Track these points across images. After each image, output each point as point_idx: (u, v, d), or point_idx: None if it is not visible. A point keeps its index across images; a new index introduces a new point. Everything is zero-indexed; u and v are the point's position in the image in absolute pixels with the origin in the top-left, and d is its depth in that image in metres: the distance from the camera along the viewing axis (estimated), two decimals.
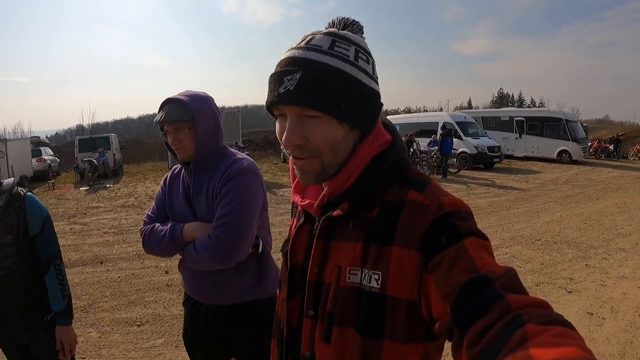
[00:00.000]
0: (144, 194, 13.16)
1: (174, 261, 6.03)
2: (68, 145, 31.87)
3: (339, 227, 0.86)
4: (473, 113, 25.05)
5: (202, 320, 1.84)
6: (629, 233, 7.51)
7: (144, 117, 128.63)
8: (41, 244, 1.92)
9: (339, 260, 0.84)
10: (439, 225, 0.73)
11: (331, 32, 0.82)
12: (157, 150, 33.01)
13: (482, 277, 0.63)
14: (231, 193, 1.64)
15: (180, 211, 1.81)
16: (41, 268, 1.93)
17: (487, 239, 0.73)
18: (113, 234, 7.90)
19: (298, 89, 0.76)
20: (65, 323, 1.96)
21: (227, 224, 1.60)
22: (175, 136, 1.71)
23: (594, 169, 18.28)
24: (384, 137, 0.88)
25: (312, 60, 0.78)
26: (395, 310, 0.76)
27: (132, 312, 4.45)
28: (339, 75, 0.78)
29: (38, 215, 1.91)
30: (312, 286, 0.88)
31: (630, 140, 30.07)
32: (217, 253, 1.60)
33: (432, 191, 0.80)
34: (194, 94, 1.76)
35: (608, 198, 11.16)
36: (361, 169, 0.84)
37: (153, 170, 21.80)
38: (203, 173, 1.76)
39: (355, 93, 0.79)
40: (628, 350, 3.62)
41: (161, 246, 1.74)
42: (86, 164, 16.34)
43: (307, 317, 0.88)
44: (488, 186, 13.47)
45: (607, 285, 5.07)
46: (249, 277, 1.76)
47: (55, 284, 1.94)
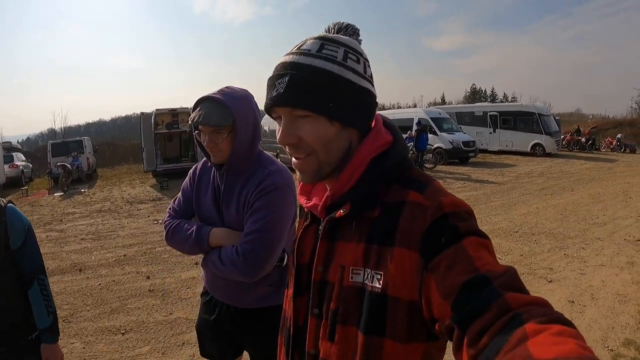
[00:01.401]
0: (120, 198, 12.94)
1: (155, 266, 5.98)
2: (40, 150, 31.04)
3: (342, 228, 0.88)
4: (447, 109, 25.39)
5: (216, 315, 1.84)
6: (604, 222, 7.72)
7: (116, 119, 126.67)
8: (23, 258, 1.80)
9: (343, 260, 0.86)
10: (438, 226, 0.74)
11: (321, 36, 0.86)
12: (132, 152, 32.50)
13: (481, 276, 0.64)
14: (264, 209, 1.58)
15: (208, 212, 1.76)
16: (24, 283, 1.81)
17: (488, 238, 0.74)
18: (91, 240, 7.73)
19: (287, 91, 0.81)
20: (52, 341, 1.84)
21: (256, 240, 1.55)
22: (212, 139, 1.61)
23: (567, 161, 18.74)
24: (383, 137, 0.89)
25: (300, 63, 0.81)
26: (397, 310, 0.76)
27: (116, 320, 4.35)
28: (325, 75, 0.80)
29: (20, 228, 1.78)
30: (317, 285, 0.90)
31: (602, 132, 30.89)
32: (242, 269, 1.56)
33: (432, 191, 0.81)
34: (233, 93, 1.64)
35: (582, 189, 11.47)
36: (361, 170, 0.86)
37: (128, 173, 21.46)
38: (236, 178, 1.69)
39: (343, 92, 0.82)
40: (610, 335, 3.72)
41: (185, 245, 1.71)
42: (60, 169, 15.98)
43: (312, 315, 0.90)
44: (464, 180, 13.68)
45: (586, 274, 5.20)
46: (268, 286, 1.74)
47: (39, 300, 1.82)
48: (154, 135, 16.20)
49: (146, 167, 16.42)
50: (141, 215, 9.97)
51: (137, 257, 6.52)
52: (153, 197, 12.76)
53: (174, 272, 5.69)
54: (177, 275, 5.57)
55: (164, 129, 16.58)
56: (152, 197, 12.90)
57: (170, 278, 5.49)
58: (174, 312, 4.46)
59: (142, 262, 6.23)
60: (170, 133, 17.21)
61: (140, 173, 19.46)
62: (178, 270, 5.74)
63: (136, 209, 10.89)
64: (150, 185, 15.57)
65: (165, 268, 5.90)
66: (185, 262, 6.01)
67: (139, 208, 11.05)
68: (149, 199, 12.45)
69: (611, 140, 25.72)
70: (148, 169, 16.40)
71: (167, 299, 4.80)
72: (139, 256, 6.55)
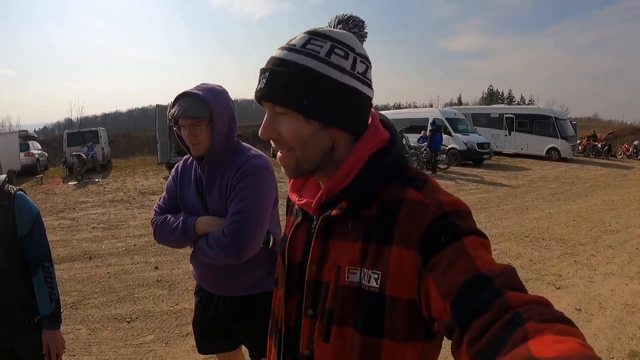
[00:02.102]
0: (133, 189, 13.08)
1: (163, 257, 6.02)
2: (56, 139, 31.43)
3: (337, 226, 0.85)
4: (463, 109, 25.16)
5: (213, 311, 1.88)
6: (617, 230, 7.60)
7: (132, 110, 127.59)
8: (30, 245, 1.84)
9: (338, 259, 0.83)
10: (437, 224, 0.73)
11: (311, 30, 0.83)
12: (146, 144, 32.80)
13: (481, 275, 0.63)
14: (245, 190, 1.66)
15: (192, 203, 1.82)
16: (29, 269, 1.85)
17: (486, 238, 0.74)
18: (102, 229, 7.83)
19: (266, 86, 0.81)
20: (53, 327, 1.88)
21: (241, 221, 1.62)
22: (192, 132, 1.70)
23: (582, 167, 18.48)
24: (381, 135, 0.87)
25: (281, 58, 0.80)
26: (395, 309, 0.76)
27: (122, 308, 4.41)
28: (303, 71, 0.78)
29: (27, 216, 1.83)
30: (311, 285, 0.87)
31: (619, 138, 30.43)
32: (230, 250, 1.61)
33: (431, 190, 0.80)
34: (210, 88, 1.74)
35: (596, 196, 11.29)
36: (358, 168, 0.83)
37: (142, 164, 21.69)
38: (216, 167, 1.77)
39: (321, 89, 0.79)
40: (616, 346, 3.66)
41: (172, 238, 1.76)
42: (74, 158, 16.20)
43: (306, 316, 0.87)
44: (477, 182, 13.56)
45: (595, 282, 5.12)
46: (258, 269, 1.79)
47: (43, 286, 1.86)
48: (169, 127, 16.30)
49: (160, 158, 16.55)
50: (153, 206, 10.02)
51: (146, 247, 6.60)
52: None
53: (182, 264, 5.74)
54: (185, 266, 5.62)
55: None
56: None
57: (178, 269, 5.54)
58: (179, 302, 4.50)
59: (151, 253, 6.30)
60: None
61: (154, 164, 19.65)
62: (186, 262, 5.78)
63: (148, 200, 11.01)
64: (164, 177, 15.71)
65: (174, 259, 5.96)
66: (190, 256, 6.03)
67: (151, 199, 11.16)
68: (161, 190, 12.43)
69: (628, 146, 25.33)
70: (162, 160, 16.52)
71: (174, 290, 4.85)
72: (148, 246, 6.62)
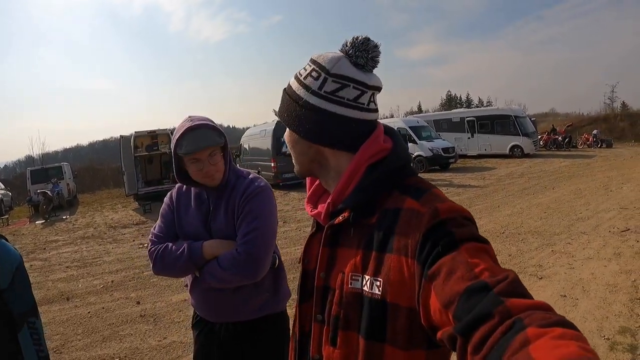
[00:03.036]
0: (103, 224, 12.72)
1: (144, 290, 5.87)
2: (19, 178, 30.41)
3: (343, 234, 0.90)
4: (425, 117, 25.70)
5: (216, 340, 1.83)
6: (588, 217, 7.88)
7: (94, 143, 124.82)
8: (12, 299, 1.66)
9: (343, 266, 0.88)
10: (434, 233, 0.74)
11: (312, 56, 0.94)
12: (112, 176, 32.07)
13: (481, 283, 0.64)
14: (255, 211, 1.69)
15: (194, 230, 1.79)
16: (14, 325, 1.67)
17: (487, 242, 0.74)
18: (76, 267, 7.56)
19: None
20: None
21: (255, 239, 1.64)
22: (211, 161, 1.69)
23: (546, 161, 19.11)
24: (380, 145, 0.90)
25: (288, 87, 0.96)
26: (396, 316, 0.77)
27: (108, 348, 4.25)
28: (288, 90, 0.95)
29: (7, 267, 1.64)
30: (320, 291, 0.92)
31: (578, 130, 31.59)
32: (246, 268, 1.62)
33: (429, 198, 0.81)
34: (208, 119, 1.78)
35: (563, 186, 11.69)
36: (358, 178, 0.88)
37: (109, 197, 21.17)
38: (222, 192, 1.78)
39: (294, 106, 0.92)
40: (605, 325, 3.79)
41: (177, 265, 1.70)
42: (40, 196, 15.63)
43: (316, 321, 0.93)
44: (447, 186, 13.79)
45: (575, 268, 5.29)
46: (264, 292, 1.78)
47: (29, 344, 1.69)
48: (134, 158, 16.00)
49: (127, 190, 16.16)
50: (126, 240, 9.81)
51: (125, 282, 6.40)
52: (136, 221, 12.58)
53: (164, 296, 5.60)
54: (167, 298, 5.48)
55: (144, 152, 16.38)
56: (136, 220, 12.72)
57: (160, 302, 5.39)
58: (167, 336, 4.37)
59: (130, 288, 6.11)
60: (150, 155, 16.98)
61: (121, 197, 19.20)
62: (168, 294, 5.65)
63: (120, 234, 10.72)
64: (133, 209, 15.37)
65: (155, 292, 5.80)
66: (175, 285, 5.91)
67: (123, 233, 10.88)
68: (133, 223, 12.27)
69: (587, 136, 26.34)
70: (130, 192, 16.14)
71: (160, 324, 4.71)
72: (127, 281, 6.42)
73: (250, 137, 19.06)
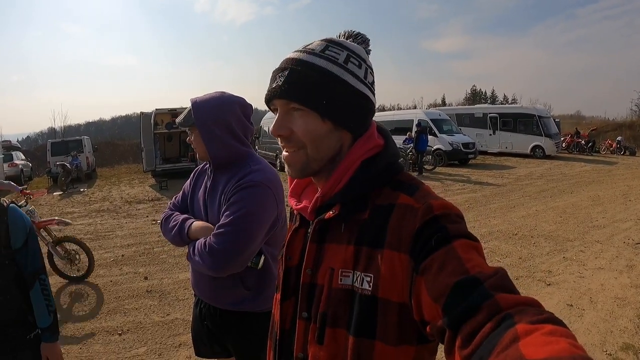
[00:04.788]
0: (119, 198, 12.92)
1: (152, 267, 5.96)
2: (40, 149, 30.96)
3: (331, 230, 0.88)
4: (447, 110, 25.38)
5: (199, 313, 1.90)
6: (604, 225, 7.71)
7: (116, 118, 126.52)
8: (25, 258, 1.83)
9: (332, 262, 0.86)
10: (428, 228, 0.75)
11: (328, 38, 0.89)
12: (131, 152, 32.51)
13: (471, 277, 0.64)
14: (237, 204, 1.60)
15: (198, 208, 1.85)
16: (24, 283, 1.84)
17: (478, 241, 0.75)
18: (89, 239, 7.69)
19: (285, 84, 0.84)
20: (52, 340, 1.87)
21: (225, 234, 1.57)
22: (190, 138, 1.82)
23: (567, 164, 18.73)
24: (375, 141, 0.90)
25: (301, 60, 0.85)
26: (387, 312, 0.77)
27: (112, 320, 4.34)
28: (323, 73, 0.83)
29: (21, 228, 1.82)
30: (306, 288, 0.90)
31: (602, 134, 30.90)
32: (209, 261, 1.57)
33: (422, 194, 0.82)
34: (204, 97, 1.77)
35: (582, 192, 11.45)
36: (351, 172, 0.87)
37: (127, 172, 21.44)
38: (222, 176, 1.76)
39: (339, 92, 0.84)
40: (609, 339, 3.71)
41: (170, 235, 1.80)
42: (59, 168, 15.94)
43: (301, 318, 0.90)
44: (464, 182, 13.65)
45: (584, 277, 5.19)
46: (244, 289, 1.74)
47: (40, 299, 1.85)
48: (154, 135, 16.15)
49: (145, 167, 16.36)
50: (140, 215, 9.95)
51: (135, 257, 6.51)
52: (152, 197, 12.74)
53: (172, 273, 5.68)
54: (175, 276, 5.56)
55: (164, 129, 16.51)
56: (151, 197, 12.88)
57: (168, 279, 5.48)
58: (171, 313, 4.45)
59: (140, 263, 6.22)
60: (169, 133, 17.12)
61: (139, 173, 19.44)
62: (176, 271, 5.73)
63: (135, 209, 10.88)
64: (150, 185, 15.56)
65: (164, 269, 5.89)
66: (183, 263, 5.99)
67: (137, 208, 11.04)
68: (148, 199, 12.43)
69: (611, 142, 25.74)
70: (147, 168, 16.34)
71: (165, 300, 4.79)
72: (137, 256, 6.54)
73: (270, 119, 19.05)
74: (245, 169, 1.71)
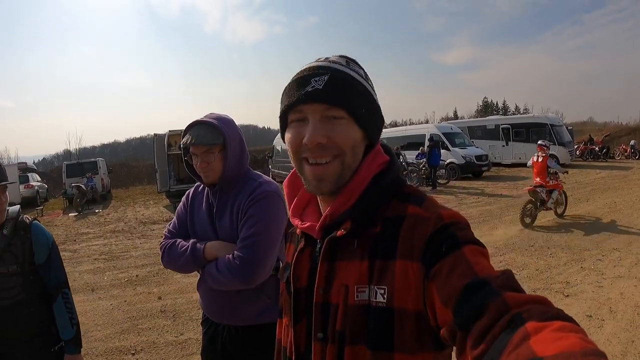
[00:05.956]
0: (133, 219, 13.05)
1: (166, 286, 5.97)
2: (55, 171, 31.51)
3: (342, 247, 0.86)
4: (459, 123, 25.30)
5: (219, 342, 1.85)
6: (621, 233, 7.57)
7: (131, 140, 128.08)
8: (48, 272, 1.92)
9: (345, 279, 0.84)
10: (438, 235, 0.75)
11: (342, 55, 0.91)
12: (146, 173, 32.87)
13: (480, 279, 0.65)
14: (257, 215, 1.67)
15: (202, 230, 1.83)
16: (48, 297, 1.92)
17: (485, 247, 0.76)
18: (104, 260, 7.78)
19: (327, 87, 0.81)
20: (75, 352, 1.95)
21: (252, 245, 1.63)
22: (205, 159, 1.72)
23: (581, 171, 18.48)
24: (382, 157, 0.92)
25: (338, 69, 0.85)
26: (403, 321, 0.76)
27: (126, 340, 4.35)
28: (359, 84, 0.86)
29: (44, 244, 1.92)
30: (319, 308, 0.87)
31: (616, 140, 30.50)
32: (240, 274, 1.61)
33: (430, 205, 0.83)
34: (220, 116, 1.80)
35: (598, 199, 11.28)
36: (363, 188, 0.87)
37: (142, 194, 21.68)
38: (228, 193, 1.79)
39: (371, 104, 0.88)
40: (630, 349, 3.62)
41: (180, 262, 1.76)
42: (74, 190, 16.17)
43: (316, 340, 0.87)
44: (478, 195, 13.52)
45: (603, 286, 5.08)
46: (266, 298, 1.77)
47: (64, 312, 1.93)
48: (168, 156, 16.32)
49: (160, 187, 16.52)
50: (154, 236, 10.02)
51: (149, 277, 6.54)
52: (166, 218, 12.85)
53: (186, 293, 5.69)
54: (188, 296, 5.56)
55: (177, 150, 16.70)
56: (166, 217, 12.99)
57: (181, 299, 5.48)
58: (184, 332, 4.44)
59: (154, 283, 6.25)
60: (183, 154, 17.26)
61: (154, 194, 19.64)
62: (190, 291, 5.73)
63: (149, 230, 10.98)
64: (164, 206, 15.70)
65: (177, 289, 5.90)
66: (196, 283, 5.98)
67: (152, 228, 11.13)
68: (163, 220, 12.54)
69: (625, 147, 25.40)
70: (161, 189, 16.49)
71: (178, 320, 4.79)
72: (151, 277, 6.57)
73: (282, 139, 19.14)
74: (252, 182, 1.77)
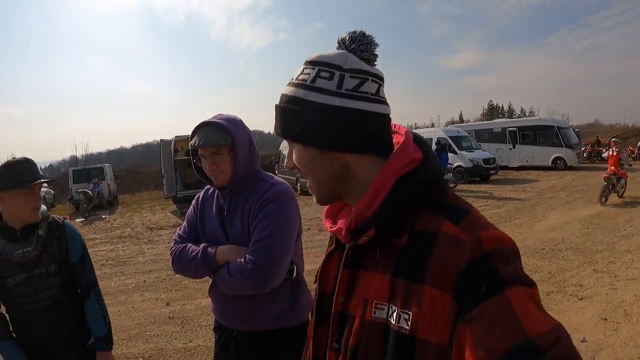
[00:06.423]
0: (140, 224, 13.06)
1: (174, 292, 5.93)
2: (62, 177, 31.55)
3: (366, 255, 0.80)
4: (466, 126, 25.22)
5: (233, 348, 1.80)
6: (632, 234, 7.47)
7: (137, 146, 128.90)
8: (82, 271, 1.96)
9: (365, 292, 0.78)
10: (477, 268, 0.65)
11: (307, 59, 0.84)
12: (152, 179, 32.92)
13: (529, 343, 0.57)
14: (268, 217, 1.63)
15: (213, 233, 1.80)
16: (81, 295, 1.96)
17: (534, 285, 0.66)
18: (110, 266, 7.76)
19: (275, 121, 0.86)
20: (107, 349, 1.97)
21: (264, 248, 1.58)
22: (213, 160, 1.68)
23: (589, 174, 18.31)
24: (410, 155, 0.80)
25: (282, 93, 0.84)
26: (425, 354, 0.68)
27: (134, 347, 4.31)
28: (294, 102, 0.80)
29: (78, 243, 1.97)
30: (337, 317, 0.84)
31: (623, 141, 30.25)
32: (253, 277, 1.57)
33: (470, 223, 0.72)
34: (228, 117, 1.76)
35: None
36: (385, 192, 0.77)
37: (148, 199, 21.71)
38: (238, 195, 1.75)
39: (308, 115, 0.79)
40: None
41: (192, 267, 1.72)
42: (81, 195, 16.23)
43: (331, 349, 0.84)
44: (486, 198, 13.40)
45: (617, 289, 5.00)
46: (281, 302, 1.72)
47: (97, 310, 1.97)
48: (174, 161, 16.34)
49: (166, 193, 16.51)
50: (161, 241, 10.01)
51: (156, 283, 6.51)
52: (173, 223, 12.84)
53: (194, 299, 5.64)
54: (197, 302, 5.52)
55: (184, 155, 16.70)
56: (172, 223, 12.98)
57: (190, 305, 5.44)
58: (193, 339, 4.39)
59: (161, 289, 6.21)
60: (190, 159, 17.29)
61: (160, 199, 19.65)
62: (199, 297, 5.69)
63: (156, 235, 10.97)
64: (171, 212, 15.70)
65: (186, 295, 5.86)
66: (205, 289, 5.91)
67: (159, 234, 11.13)
68: (169, 225, 12.53)
69: (633, 148, 25.19)
70: (168, 195, 16.49)
71: (187, 326, 4.75)
72: (159, 282, 6.53)
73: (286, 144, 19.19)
74: (263, 183, 1.73)
